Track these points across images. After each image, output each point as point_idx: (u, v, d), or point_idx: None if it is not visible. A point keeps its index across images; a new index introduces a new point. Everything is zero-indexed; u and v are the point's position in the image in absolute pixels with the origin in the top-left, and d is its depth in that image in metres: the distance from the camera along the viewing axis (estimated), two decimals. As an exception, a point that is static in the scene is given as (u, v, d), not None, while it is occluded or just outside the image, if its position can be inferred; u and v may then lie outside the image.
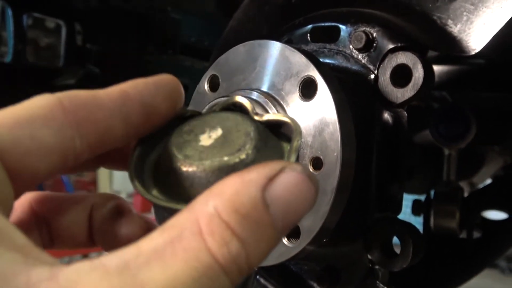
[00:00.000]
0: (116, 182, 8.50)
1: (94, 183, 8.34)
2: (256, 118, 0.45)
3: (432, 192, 0.99)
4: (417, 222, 0.93)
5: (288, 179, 0.35)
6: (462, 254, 0.97)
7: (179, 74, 1.98)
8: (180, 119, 0.47)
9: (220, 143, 0.41)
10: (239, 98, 0.48)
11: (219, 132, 0.43)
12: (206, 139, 0.42)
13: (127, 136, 0.43)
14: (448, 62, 1.10)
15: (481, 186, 1.58)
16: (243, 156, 0.40)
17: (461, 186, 0.96)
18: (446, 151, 0.97)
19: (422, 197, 1.06)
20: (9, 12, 1.54)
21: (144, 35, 1.90)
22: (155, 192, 0.44)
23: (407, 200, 1.13)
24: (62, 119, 0.39)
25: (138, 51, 1.91)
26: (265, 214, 0.33)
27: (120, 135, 0.42)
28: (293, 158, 0.42)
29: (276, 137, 0.45)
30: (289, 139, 0.45)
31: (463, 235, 0.99)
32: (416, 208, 0.98)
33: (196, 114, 0.49)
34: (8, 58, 1.55)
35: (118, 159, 0.49)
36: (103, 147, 0.42)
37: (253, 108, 0.47)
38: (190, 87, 2.08)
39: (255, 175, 0.34)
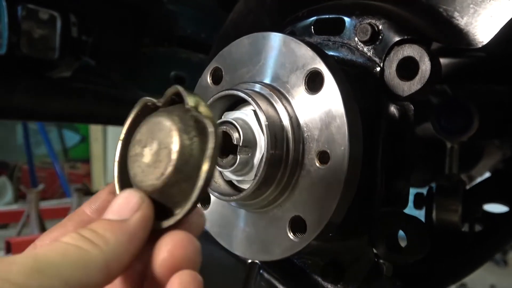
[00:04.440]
0: (110, 174, 8.48)
1: (88, 175, 8.31)
2: (190, 111, 0.50)
3: (433, 185, 0.99)
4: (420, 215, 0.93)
5: None
6: (464, 247, 0.97)
7: (175, 67, 1.95)
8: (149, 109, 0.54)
9: (153, 161, 0.49)
10: (178, 88, 0.52)
11: (154, 146, 0.49)
12: (147, 154, 0.50)
13: None
14: (449, 55, 1.10)
15: (480, 179, 1.58)
16: (166, 180, 0.48)
17: (463, 179, 0.96)
18: (449, 145, 0.97)
19: (424, 190, 1.06)
20: (3, 3, 1.52)
21: (140, 27, 1.89)
22: None
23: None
24: None
25: (134, 43, 1.89)
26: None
27: None
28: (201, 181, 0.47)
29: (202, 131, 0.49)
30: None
31: (464, 228, 0.99)
32: (418, 201, 0.97)
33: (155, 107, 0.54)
34: (2, 50, 1.53)
35: None
36: None
37: (186, 102, 0.50)
38: (186, 79, 2.05)
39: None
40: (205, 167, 0.47)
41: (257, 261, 0.76)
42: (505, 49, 0.94)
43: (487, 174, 1.55)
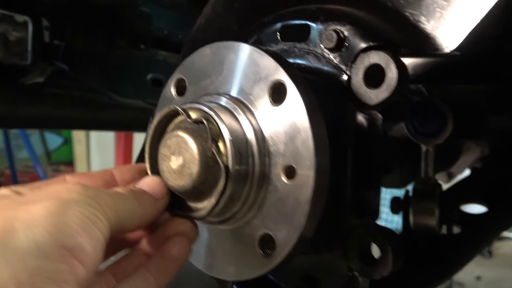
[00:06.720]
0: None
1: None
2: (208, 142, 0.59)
3: (410, 189, 0.97)
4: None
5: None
6: (443, 251, 0.96)
7: (152, 69, 1.92)
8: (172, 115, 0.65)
9: (178, 171, 0.60)
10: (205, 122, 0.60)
11: (180, 161, 0.60)
12: (173, 162, 0.60)
13: None
14: (423, 54, 1.08)
15: (459, 176, 1.57)
16: (185, 188, 0.60)
17: (438, 182, 0.94)
18: (424, 148, 0.95)
19: (400, 192, 1.04)
20: (-30, 9, 1.48)
21: (114, 30, 1.85)
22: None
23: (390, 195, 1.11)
24: None
25: (108, 47, 1.86)
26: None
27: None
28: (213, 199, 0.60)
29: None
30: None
31: (443, 231, 0.97)
32: (395, 205, 0.96)
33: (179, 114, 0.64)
34: (-28, 58, 1.49)
35: None
36: None
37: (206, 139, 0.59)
38: (164, 82, 2.02)
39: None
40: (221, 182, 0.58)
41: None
42: (481, 48, 0.92)
43: (467, 172, 1.55)
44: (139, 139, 5.42)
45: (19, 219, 0.45)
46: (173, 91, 0.71)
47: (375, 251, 0.67)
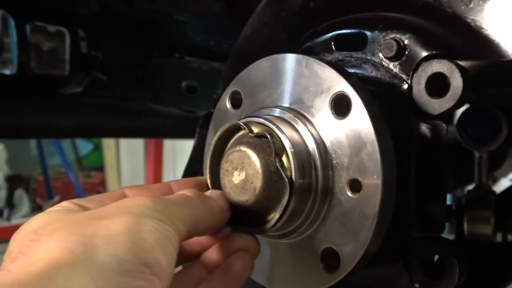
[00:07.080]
0: (125, 181, 8.47)
1: (103, 183, 8.32)
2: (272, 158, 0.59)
3: (461, 196, 0.95)
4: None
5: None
6: (498, 260, 0.93)
7: (187, 77, 1.92)
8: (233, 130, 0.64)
9: (241, 186, 0.60)
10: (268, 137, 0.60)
11: (243, 176, 0.60)
12: (236, 177, 0.60)
13: None
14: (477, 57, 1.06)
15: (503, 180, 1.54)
16: (247, 203, 0.59)
17: (493, 189, 0.92)
18: (477, 154, 0.93)
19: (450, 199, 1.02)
20: (12, 22, 1.50)
21: (150, 39, 1.86)
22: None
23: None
24: None
25: (144, 56, 1.87)
26: None
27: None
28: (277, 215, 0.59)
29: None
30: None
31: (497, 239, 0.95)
32: (447, 213, 0.93)
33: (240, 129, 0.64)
34: (13, 70, 1.50)
35: None
36: None
37: (270, 153, 0.59)
38: (198, 89, 2.02)
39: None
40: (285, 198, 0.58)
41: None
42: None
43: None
44: (169, 144, 5.45)
45: (99, 235, 0.45)
46: (228, 104, 0.71)
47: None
